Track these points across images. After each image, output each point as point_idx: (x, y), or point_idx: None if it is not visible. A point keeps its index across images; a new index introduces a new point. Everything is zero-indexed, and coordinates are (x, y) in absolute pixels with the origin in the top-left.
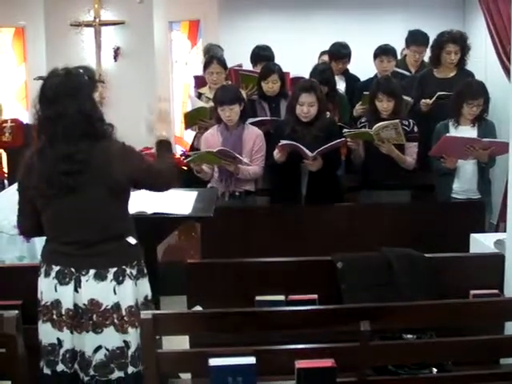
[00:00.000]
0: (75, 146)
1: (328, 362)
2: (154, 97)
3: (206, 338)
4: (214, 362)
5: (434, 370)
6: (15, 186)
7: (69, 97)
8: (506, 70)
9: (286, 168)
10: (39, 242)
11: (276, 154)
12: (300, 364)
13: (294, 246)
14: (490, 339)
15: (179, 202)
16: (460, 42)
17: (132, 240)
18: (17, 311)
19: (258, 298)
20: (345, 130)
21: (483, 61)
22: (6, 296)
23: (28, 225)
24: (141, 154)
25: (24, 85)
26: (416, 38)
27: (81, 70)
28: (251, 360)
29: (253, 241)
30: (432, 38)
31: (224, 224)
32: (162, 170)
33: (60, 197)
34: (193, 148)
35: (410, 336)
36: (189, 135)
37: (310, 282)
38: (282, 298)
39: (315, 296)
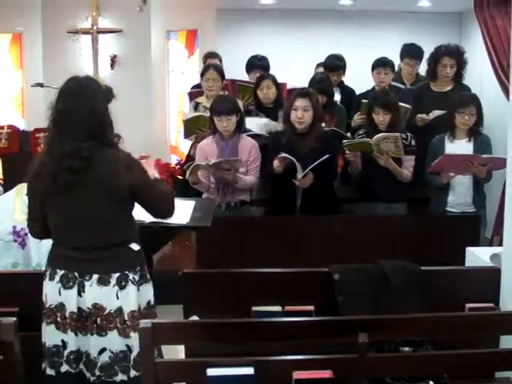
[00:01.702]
0: (81, 144)
1: (326, 374)
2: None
3: (202, 348)
4: (212, 372)
5: (431, 382)
6: (11, 192)
7: (83, 95)
8: (503, 84)
9: (282, 179)
10: (34, 250)
11: (276, 164)
12: (298, 375)
13: (289, 256)
14: (485, 352)
15: (177, 211)
16: (456, 55)
17: (135, 246)
18: (14, 318)
19: (255, 308)
20: (344, 140)
21: (479, 75)
22: (1, 303)
23: (38, 227)
24: (146, 170)
25: (20, 91)
26: (409, 51)
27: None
28: (249, 371)
29: (248, 251)
30: (429, 52)
31: (220, 234)
32: (166, 194)
33: (63, 198)
34: (189, 157)
35: (406, 348)
36: (184, 145)
37: (307, 293)
38: (278, 308)
39: (312, 307)
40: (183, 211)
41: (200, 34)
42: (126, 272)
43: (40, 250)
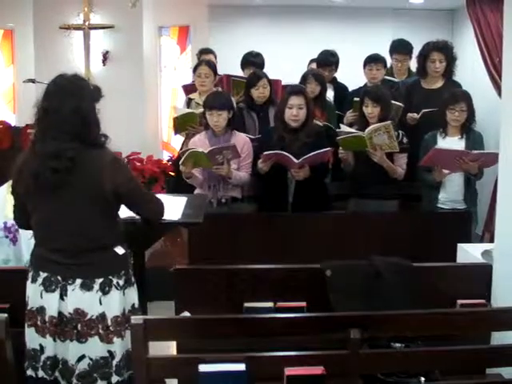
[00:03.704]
0: (64, 144)
1: (317, 370)
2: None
3: (194, 344)
4: (203, 368)
5: (422, 378)
6: (2, 188)
7: (69, 94)
8: (494, 81)
9: (273, 176)
10: (25, 246)
11: (260, 163)
12: (289, 371)
13: (281, 253)
14: (476, 349)
15: (169, 207)
16: (444, 50)
17: (120, 250)
18: (5, 314)
19: (247, 304)
20: (338, 137)
21: (471, 72)
22: None
23: (24, 219)
24: (131, 173)
25: (12, 87)
26: (397, 47)
27: (88, 82)
28: (241, 367)
29: (240, 248)
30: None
31: (211, 230)
32: (154, 197)
33: (46, 199)
34: (180, 154)
35: (398, 345)
36: (176, 141)
37: (299, 290)
38: (270, 304)
39: (304, 303)
40: (175, 207)
41: (192, 30)
42: (110, 277)
43: (31, 246)
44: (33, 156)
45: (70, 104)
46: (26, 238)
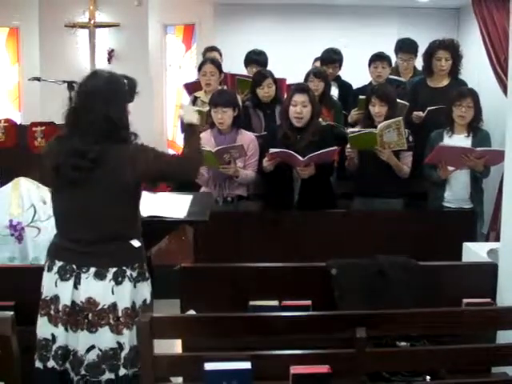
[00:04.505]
0: (90, 145)
1: (323, 368)
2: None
3: (199, 342)
4: (209, 366)
5: (428, 377)
6: (8, 186)
7: (101, 98)
8: (500, 79)
9: (279, 174)
10: (31, 244)
11: (265, 161)
12: (295, 369)
13: (286, 251)
14: (482, 347)
15: (174, 205)
16: (450, 48)
17: (136, 243)
18: (11, 312)
19: (252, 302)
20: (349, 130)
21: (476, 71)
22: None
23: None
24: (156, 151)
25: (17, 85)
26: (402, 46)
27: (125, 80)
28: (247, 365)
29: (245, 246)
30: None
31: (217, 229)
32: (186, 157)
33: (67, 191)
34: None
35: (403, 343)
36: (181, 139)
37: (304, 288)
38: (275, 303)
39: (309, 302)
40: (180, 205)
41: (197, 29)
42: (124, 267)
43: (37, 244)
44: (57, 149)
45: (101, 108)
46: (32, 236)
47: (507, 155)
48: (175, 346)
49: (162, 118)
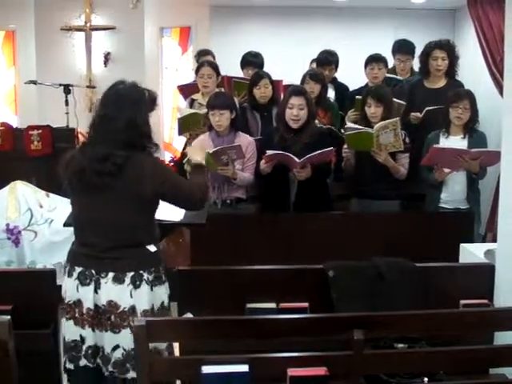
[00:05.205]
0: (115, 151)
1: (321, 371)
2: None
3: (197, 345)
4: (206, 369)
5: (426, 379)
6: (4, 190)
7: (126, 106)
8: (496, 80)
9: (275, 176)
10: (28, 248)
11: (262, 164)
12: (292, 372)
13: (284, 253)
14: (479, 349)
15: (171, 208)
16: (446, 48)
17: (152, 248)
18: (8, 316)
19: (249, 305)
20: (346, 126)
21: (472, 71)
22: None
23: None
24: (170, 174)
25: (13, 89)
26: (399, 47)
27: (146, 90)
28: (244, 368)
29: (243, 248)
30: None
31: (214, 231)
32: (194, 187)
33: (88, 197)
34: (184, 155)
35: (401, 345)
36: (178, 142)
37: (301, 290)
38: (273, 305)
39: (306, 304)
40: (177, 208)
41: (193, 31)
42: (141, 272)
43: (33, 248)
44: (81, 155)
45: (125, 115)
46: (29, 239)
47: (503, 156)
48: (174, 349)
49: (158, 121)
